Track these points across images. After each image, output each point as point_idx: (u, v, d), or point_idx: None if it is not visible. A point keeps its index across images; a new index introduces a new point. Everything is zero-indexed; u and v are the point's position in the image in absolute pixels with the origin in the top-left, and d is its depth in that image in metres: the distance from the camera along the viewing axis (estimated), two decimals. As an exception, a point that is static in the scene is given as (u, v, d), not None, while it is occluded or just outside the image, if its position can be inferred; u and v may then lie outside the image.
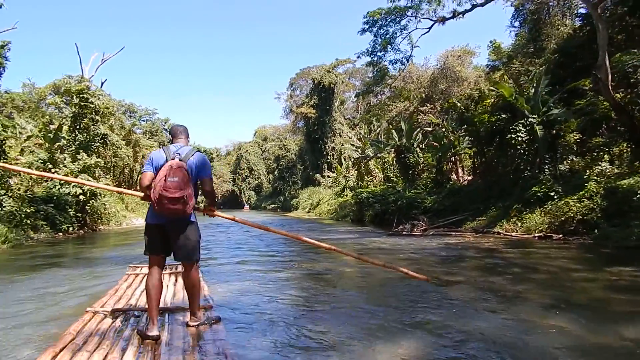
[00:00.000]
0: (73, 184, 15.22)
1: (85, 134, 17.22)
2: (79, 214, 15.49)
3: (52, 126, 18.88)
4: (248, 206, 62.54)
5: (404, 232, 13.36)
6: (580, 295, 4.81)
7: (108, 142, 17.95)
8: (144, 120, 40.45)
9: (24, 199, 13.14)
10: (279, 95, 52.32)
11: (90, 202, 15.65)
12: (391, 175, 23.91)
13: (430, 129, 25.26)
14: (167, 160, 3.22)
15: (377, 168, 27.99)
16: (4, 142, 12.38)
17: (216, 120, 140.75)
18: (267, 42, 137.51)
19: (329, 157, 44.65)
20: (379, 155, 23.72)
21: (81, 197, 15.31)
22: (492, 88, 16.16)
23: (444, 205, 17.35)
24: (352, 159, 31.60)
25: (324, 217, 28.79)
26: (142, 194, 3.40)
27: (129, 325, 3.39)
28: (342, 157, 40.19)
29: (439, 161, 19.52)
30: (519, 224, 12.77)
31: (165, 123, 43.97)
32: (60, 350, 2.75)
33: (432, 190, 19.53)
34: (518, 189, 14.21)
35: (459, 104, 18.75)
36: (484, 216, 14.94)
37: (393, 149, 21.10)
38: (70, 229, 14.69)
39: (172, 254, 3.35)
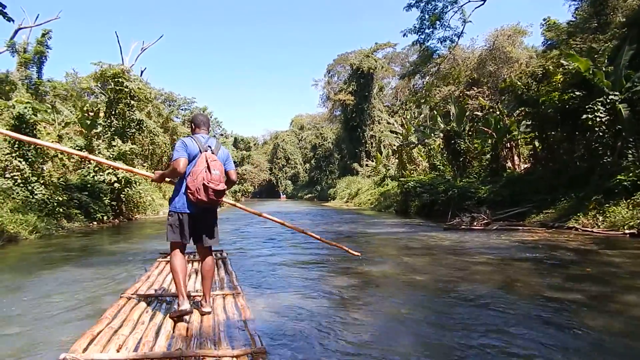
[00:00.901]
0: (107, 171, 14.55)
1: (120, 120, 16.52)
2: (114, 203, 14.83)
3: (91, 113, 18.39)
4: (285, 196, 61.89)
5: (463, 226, 11.72)
6: None
7: (144, 128, 17.22)
8: (182, 109, 40.19)
9: (57, 186, 12.50)
10: (316, 82, 50.84)
11: (125, 190, 14.95)
12: (438, 163, 22.06)
13: (480, 114, 23.15)
14: (200, 151, 3.25)
15: (421, 156, 26.16)
16: (34, 126, 11.71)
17: (253, 109, 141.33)
18: (304, 29, 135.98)
19: (367, 145, 42.95)
20: (425, 141, 21.87)
21: (116, 185, 14.62)
22: (563, 62, 14.02)
23: (501, 195, 15.49)
24: (394, 147, 29.83)
25: (364, 207, 27.32)
26: (152, 176, 3.57)
27: (162, 310, 3.46)
28: (381, 145, 38.40)
29: (494, 147, 17.56)
30: (600, 218, 10.84)
31: (203, 112, 43.68)
32: (98, 334, 2.80)
33: (486, 179, 17.63)
34: (595, 177, 12.21)
35: (519, 83, 16.65)
36: (552, 208, 13.05)
37: (442, 134, 19.25)
38: (105, 218, 14.03)
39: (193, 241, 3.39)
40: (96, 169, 14.29)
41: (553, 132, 15.91)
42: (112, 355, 2.52)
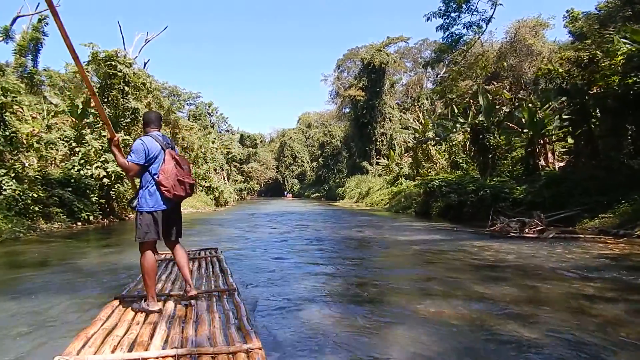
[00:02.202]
0: (95, 165, 12.62)
1: (113, 108, 14.58)
2: (103, 200, 12.89)
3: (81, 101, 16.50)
4: (290, 195, 59.92)
5: (512, 233, 9.65)
6: None
7: (139, 117, 15.25)
8: (188, 104, 38.31)
9: (32, 181, 10.57)
10: (325, 77, 48.52)
11: (116, 186, 12.99)
12: (460, 160, 19.96)
13: (506, 108, 21.02)
14: (162, 149, 3.24)
15: (439, 153, 24.05)
16: (3, 108, 9.77)
17: (259, 106, 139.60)
18: (312, 24, 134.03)
19: (377, 143, 40.86)
20: (451, 135, 19.71)
21: (105, 180, 12.69)
22: (624, 41, 11.90)
23: (542, 196, 13.38)
24: (408, 144, 27.73)
25: (377, 207, 25.26)
26: (115, 136, 3.29)
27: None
28: (394, 143, 36.30)
29: (530, 143, 15.45)
30: (683, 226, 8.76)
31: (209, 107, 41.77)
32: (92, 335, 2.70)
33: (521, 179, 15.54)
34: (667, 176, 10.11)
35: (560, 69, 14.53)
36: (611, 213, 10.96)
37: (469, 129, 17.15)
38: (92, 217, 12.09)
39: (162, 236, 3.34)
40: (82, 161, 12.37)
41: (593, 126, 13.86)
42: (107, 357, 2.40)
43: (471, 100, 23.01)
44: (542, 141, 17.62)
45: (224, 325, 2.90)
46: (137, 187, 3.29)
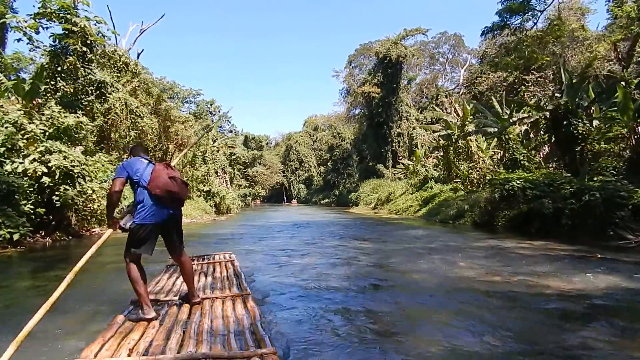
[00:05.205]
0: (31, 157, 8.12)
1: (70, 81, 10.12)
2: (43, 210, 8.35)
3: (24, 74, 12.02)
4: (295, 200, 55.29)
5: None
6: None
7: (107, 94, 10.76)
8: (187, 101, 33.85)
9: None
10: (337, 72, 43.77)
11: (61, 188, 8.44)
12: (520, 157, 15.42)
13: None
14: (150, 163, 3.31)
15: (481, 150, 19.53)
16: None
17: (264, 108, 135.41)
18: (320, 24, 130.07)
19: (394, 144, 36.35)
20: (523, 121, 15.10)
21: (45, 179, 8.18)
22: None
23: (684, 202, 8.88)
24: (439, 142, 23.21)
25: (407, 215, 20.71)
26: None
27: (172, 314, 3.21)
28: (418, 143, 31.79)
29: (648, 128, 10.92)
30: None
31: (210, 105, 37.36)
32: (109, 339, 2.64)
33: (628, 177, 11.02)
34: None
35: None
36: None
37: (548, 112, 12.60)
38: (16, 236, 7.53)
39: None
40: (3, 150, 7.88)
41: None
42: (123, 359, 2.34)
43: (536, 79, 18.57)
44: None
45: (238, 329, 2.83)
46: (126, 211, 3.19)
